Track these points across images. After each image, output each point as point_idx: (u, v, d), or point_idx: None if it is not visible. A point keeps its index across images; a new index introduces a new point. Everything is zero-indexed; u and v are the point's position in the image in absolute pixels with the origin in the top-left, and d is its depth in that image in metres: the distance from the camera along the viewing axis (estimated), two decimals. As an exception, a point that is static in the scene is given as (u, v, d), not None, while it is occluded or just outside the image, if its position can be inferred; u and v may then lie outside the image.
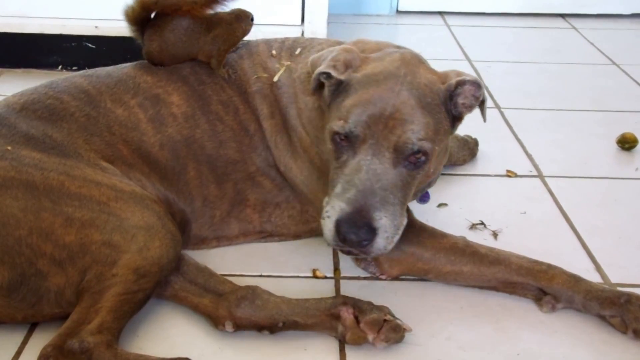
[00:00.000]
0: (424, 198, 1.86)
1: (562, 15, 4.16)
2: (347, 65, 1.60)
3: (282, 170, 1.80)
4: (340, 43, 1.85)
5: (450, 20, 4.03)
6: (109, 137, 1.69)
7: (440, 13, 4.15)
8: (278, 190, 1.83)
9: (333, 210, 1.49)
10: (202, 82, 1.83)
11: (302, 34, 2.94)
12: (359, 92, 1.55)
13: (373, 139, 1.51)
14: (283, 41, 1.93)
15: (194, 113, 1.78)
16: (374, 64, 1.61)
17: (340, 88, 1.59)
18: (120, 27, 2.92)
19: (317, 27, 2.98)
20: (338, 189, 1.51)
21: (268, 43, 1.93)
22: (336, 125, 1.53)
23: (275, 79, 1.82)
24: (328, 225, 1.50)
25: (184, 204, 1.76)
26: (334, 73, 1.59)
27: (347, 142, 1.53)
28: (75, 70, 1.63)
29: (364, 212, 1.46)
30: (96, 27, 2.96)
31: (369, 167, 1.50)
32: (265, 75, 1.84)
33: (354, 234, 1.46)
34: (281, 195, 1.83)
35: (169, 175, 1.74)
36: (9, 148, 1.54)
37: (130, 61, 1.93)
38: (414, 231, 1.70)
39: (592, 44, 3.69)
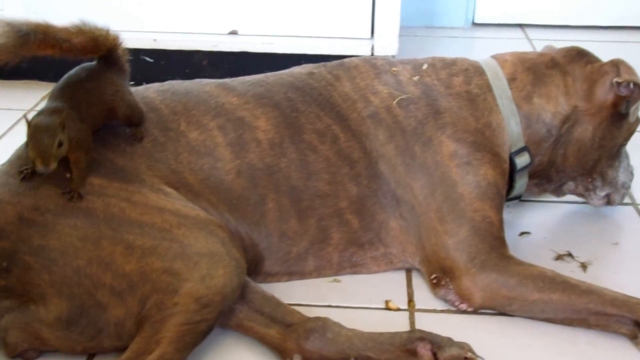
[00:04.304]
0: None
1: (655, 28, 4.08)
2: None
3: (399, 193, 1.79)
4: (472, 60, 1.93)
5: (532, 33, 3.98)
6: (175, 165, 1.69)
7: (521, 25, 4.11)
8: (363, 231, 1.81)
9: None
10: (296, 110, 1.80)
11: (372, 48, 2.95)
12: None
13: None
14: (387, 59, 1.95)
15: (281, 141, 1.76)
16: None
17: None
18: (180, 40, 3.02)
19: (388, 41, 2.98)
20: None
21: (369, 62, 1.93)
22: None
23: (395, 102, 1.83)
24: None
25: (258, 238, 1.74)
26: None
27: None
28: (132, 85, 1.65)
29: None
30: (154, 40, 3.01)
31: None
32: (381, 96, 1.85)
33: None
34: (366, 237, 1.82)
35: (242, 206, 1.72)
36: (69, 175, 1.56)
37: (189, 76, 1.94)
38: (500, 257, 1.70)
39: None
